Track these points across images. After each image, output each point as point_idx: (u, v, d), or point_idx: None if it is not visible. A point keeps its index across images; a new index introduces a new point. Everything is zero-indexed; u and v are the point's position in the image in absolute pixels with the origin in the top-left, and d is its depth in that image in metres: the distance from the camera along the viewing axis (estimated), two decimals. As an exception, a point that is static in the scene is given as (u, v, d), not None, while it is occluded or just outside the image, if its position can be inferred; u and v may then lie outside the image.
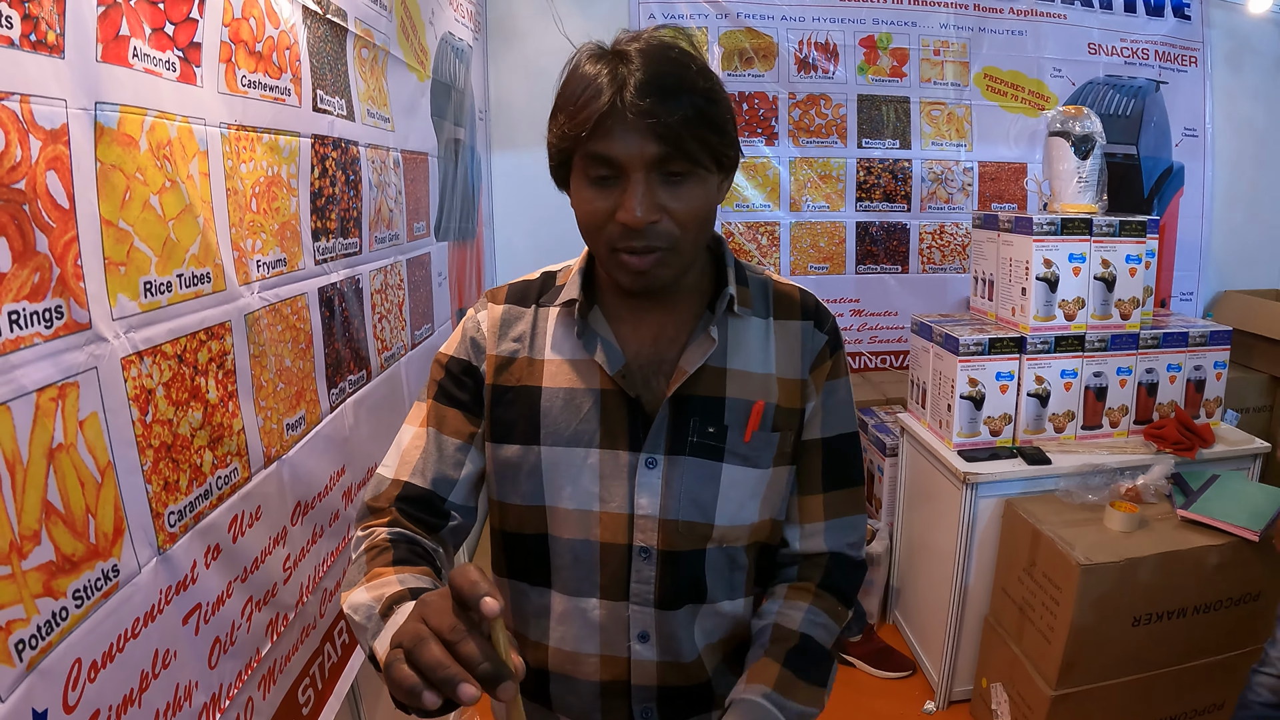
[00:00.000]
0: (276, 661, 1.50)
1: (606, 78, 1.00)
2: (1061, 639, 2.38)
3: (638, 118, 0.98)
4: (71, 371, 0.99)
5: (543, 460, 1.16)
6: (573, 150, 1.05)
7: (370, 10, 2.06)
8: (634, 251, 1.04)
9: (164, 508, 1.16)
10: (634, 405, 1.15)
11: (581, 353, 1.16)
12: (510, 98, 3.90)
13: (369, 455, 1.98)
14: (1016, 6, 4.14)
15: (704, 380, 1.15)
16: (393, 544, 1.10)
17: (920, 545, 3.20)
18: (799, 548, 1.25)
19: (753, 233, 4.17)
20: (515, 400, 1.18)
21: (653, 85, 0.99)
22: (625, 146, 1.00)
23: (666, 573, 1.16)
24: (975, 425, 2.84)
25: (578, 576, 1.18)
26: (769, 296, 1.23)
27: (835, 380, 1.24)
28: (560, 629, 1.21)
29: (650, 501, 1.14)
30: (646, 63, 1.00)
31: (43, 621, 0.93)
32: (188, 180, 1.24)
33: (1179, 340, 2.91)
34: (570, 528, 1.17)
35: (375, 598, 0.99)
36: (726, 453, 1.15)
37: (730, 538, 1.18)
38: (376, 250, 2.11)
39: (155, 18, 1.17)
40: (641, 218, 1.01)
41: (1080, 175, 2.88)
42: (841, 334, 1.27)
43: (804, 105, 4.10)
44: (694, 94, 1.01)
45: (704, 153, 1.03)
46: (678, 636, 1.19)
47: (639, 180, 1.01)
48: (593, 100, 1.00)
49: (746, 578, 1.23)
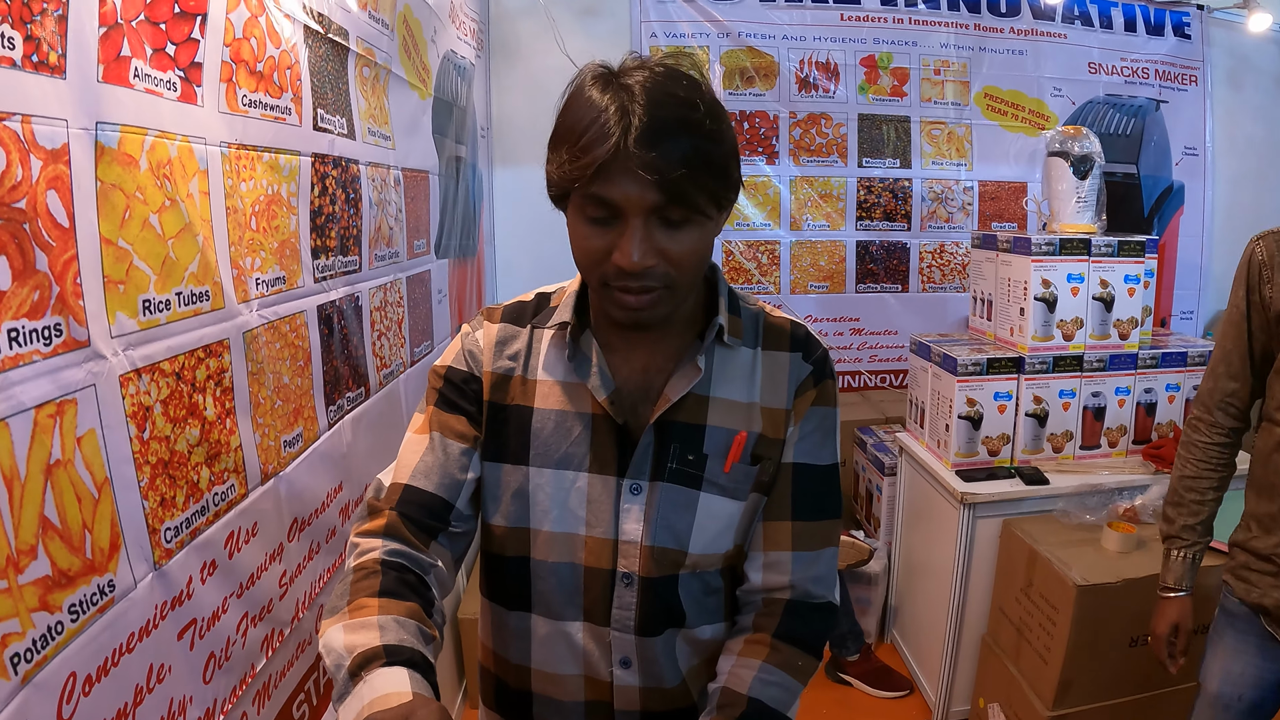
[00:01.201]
0: (271, 677, 1.51)
1: (612, 117, 0.97)
2: (1058, 659, 2.38)
3: (641, 165, 0.96)
4: (70, 388, 1.00)
5: (530, 481, 1.15)
6: (571, 189, 1.03)
7: (372, 29, 2.08)
8: (629, 291, 1.03)
9: (160, 524, 1.17)
10: (621, 431, 1.14)
11: (573, 376, 1.16)
12: (512, 115, 3.92)
13: (367, 472, 1.99)
14: (1017, 26, 4.17)
15: (686, 407, 1.14)
16: (383, 569, 1.06)
17: (918, 565, 3.20)
18: (759, 580, 1.18)
19: (753, 251, 4.18)
20: (509, 419, 1.17)
21: (656, 130, 0.96)
22: (625, 192, 0.98)
23: (645, 599, 1.15)
24: (973, 445, 2.84)
25: (561, 601, 1.17)
26: (760, 327, 1.21)
27: (818, 408, 1.20)
28: (542, 652, 1.20)
29: (634, 527, 1.13)
30: (651, 102, 0.97)
31: (38, 635, 0.94)
32: (187, 199, 1.26)
33: (1178, 360, 2.91)
34: (555, 551, 1.16)
35: (348, 647, 0.94)
36: (705, 481, 1.14)
37: (705, 564, 1.17)
38: (376, 268, 2.12)
39: (157, 38, 1.19)
40: (638, 262, 1.00)
41: (1079, 195, 2.89)
42: (833, 365, 1.24)
43: (805, 124, 4.12)
44: (698, 136, 0.99)
45: (704, 198, 1.01)
46: (659, 662, 1.18)
47: (637, 225, 0.99)
48: (596, 144, 0.97)
49: (724, 601, 1.21)
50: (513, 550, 1.18)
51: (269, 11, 1.52)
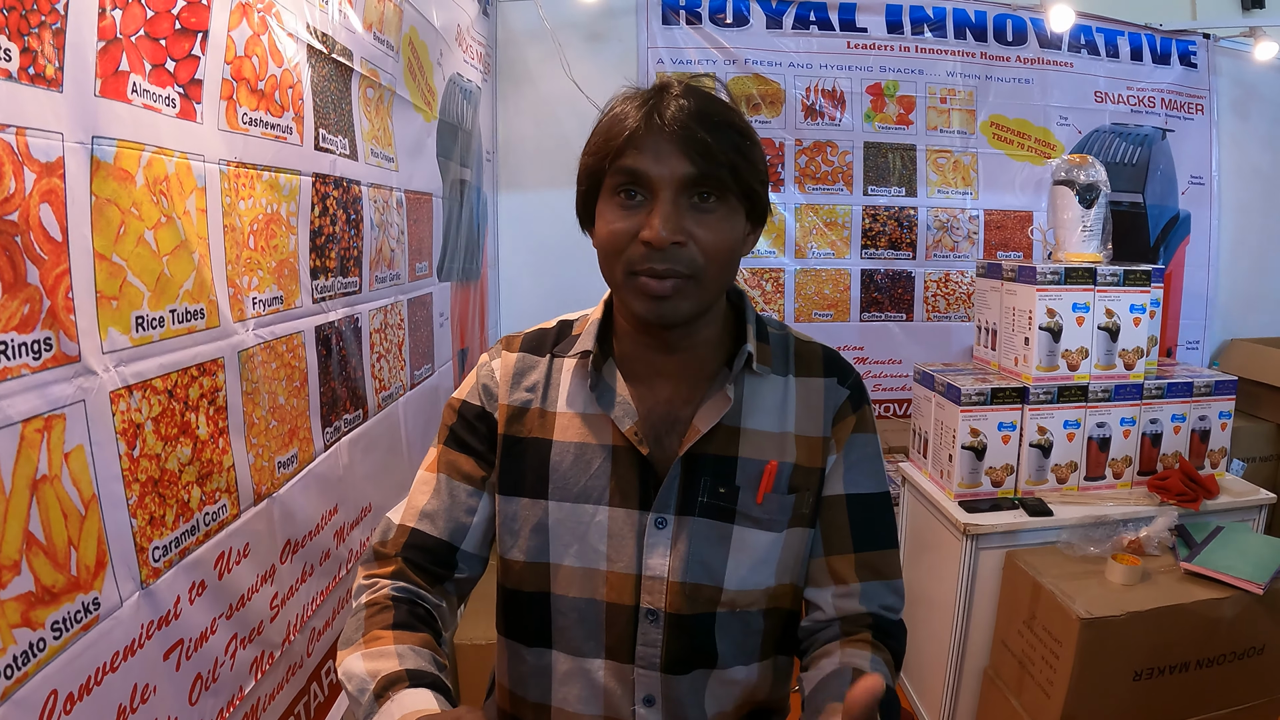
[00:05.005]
0: (260, 700, 1.49)
1: (647, 101, 1.03)
2: (1061, 693, 2.34)
3: (673, 136, 0.99)
4: (59, 403, 0.99)
5: (549, 516, 1.13)
6: (603, 170, 1.04)
7: (377, 50, 2.08)
8: (654, 275, 1.02)
9: (149, 542, 1.16)
10: (645, 463, 1.11)
11: (594, 407, 1.13)
12: (518, 139, 3.93)
13: (363, 495, 1.98)
14: (1023, 55, 4.17)
15: (717, 439, 1.11)
16: (394, 604, 1.08)
17: (920, 596, 3.17)
18: (833, 612, 1.15)
19: (757, 279, 4.17)
20: (526, 452, 1.15)
21: (691, 111, 1.01)
22: (657, 163, 1.00)
23: (674, 637, 1.12)
24: (977, 476, 2.82)
25: (582, 636, 1.14)
26: (790, 353, 1.19)
27: (859, 434, 1.18)
28: (563, 690, 1.17)
29: (659, 563, 1.10)
30: (689, 94, 1.03)
31: (19, 652, 0.93)
32: (184, 216, 1.25)
33: (1183, 390, 2.89)
34: (575, 586, 1.13)
35: (370, 672, 0.97)
36: (738, 514, 1.11)
37: (743, 602, 1.13)
38: (377, 289, 2.12)
39: (156, 54, 1.19)
40: (666, 236, 0.99)
41: (1084, 224, 2.87)
42: (867, 390, 1.22)
43: (810, 152, 4.12)
44: (732, 131, 1.03)
45: (736, 182, 1.03)
46: (685, 703, 1.14)
47: (667, 200, 1.00)
48: (627, 118, 1.02)
49: (763, 643, 1.17)
50: (532, 585, 1.16)
51: (271, 30, 1.52)
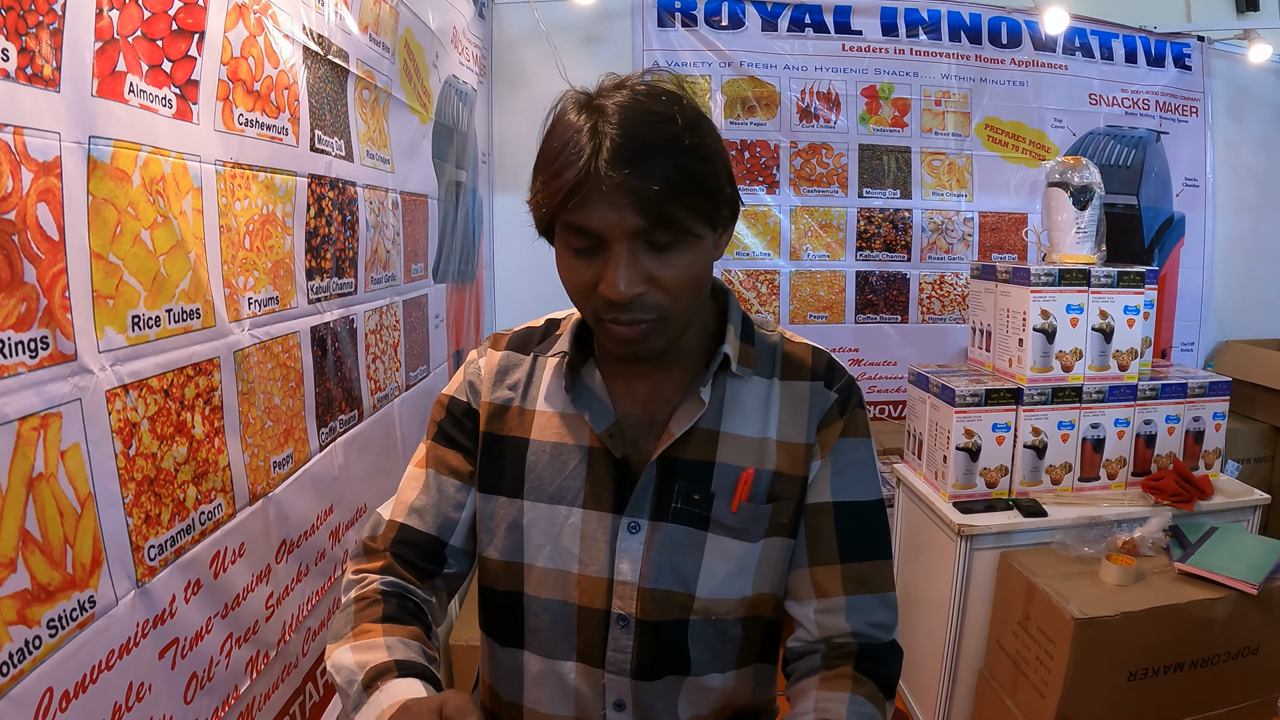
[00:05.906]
0: (255, 699, 1.49)
1: (584, 138, 0.92)
2: (1055, 693, 2.35)
3: (617, 187, 0.90)
4: (55, 402, 1.00)
5: (525, 515, 1.13)
6: (552, 220, 0.98)
7: (373, 52, 2.09)
8: (620, 323, 0.99)
9: (144, 541, 1.16)
10: (620, 466, 1.10)
11: (571, 407, 1.12)
12: (514, 141, 3.93)
13: (358, 495, 1.98)
14: (1018, 57, 4.18)
15: (693, 443, 1.09)
16: (383, 598, 1.08)
17: (915, 597, 3.17)
18: (816, 631, 1.11)
19: (752, 281, 4.18)
20: (505, 451, 1.15)
21: (630, 150, 0.90)
22: (604, 218, 0.92)
23: (645, 643, 1.10)
24: (971, 477, 2.82)
25: (553, 638, 1.13)
26: (776, 356, 1.16)
27: (848, 439, 1.13)
28: (535, 691, 1.16)
29: (630, 568, 1.09)
30: (625, 121, 0.92)
31: (15, 649, 0.93)
32: (180, 216, 1.26)
33: (1177, 391, 2.90)
34: (548, 588, 1.12)
35: (359, 663, 0.97)
36: (712, 522, 1.09)
37: (717, 610, 1.10)
38: (372, 290, 2.12)
39: (153, 55, 1.19)
40: (625, 291, 0.94)
41: (1079, 226, 2.88)
42: (861, 394, 1.16)
43: (805, 154, 4.13)
44: (678, 154, 0.93)
45: (691, 218, 0.95)
46: (656, 708, 1.13)
47: (620, 252, 0.94)
48: (567, 168, 0.92)
49: (741, 650, 1.15)
50: (506, 585, 1.15)
51: (268, 31, 1.53)
